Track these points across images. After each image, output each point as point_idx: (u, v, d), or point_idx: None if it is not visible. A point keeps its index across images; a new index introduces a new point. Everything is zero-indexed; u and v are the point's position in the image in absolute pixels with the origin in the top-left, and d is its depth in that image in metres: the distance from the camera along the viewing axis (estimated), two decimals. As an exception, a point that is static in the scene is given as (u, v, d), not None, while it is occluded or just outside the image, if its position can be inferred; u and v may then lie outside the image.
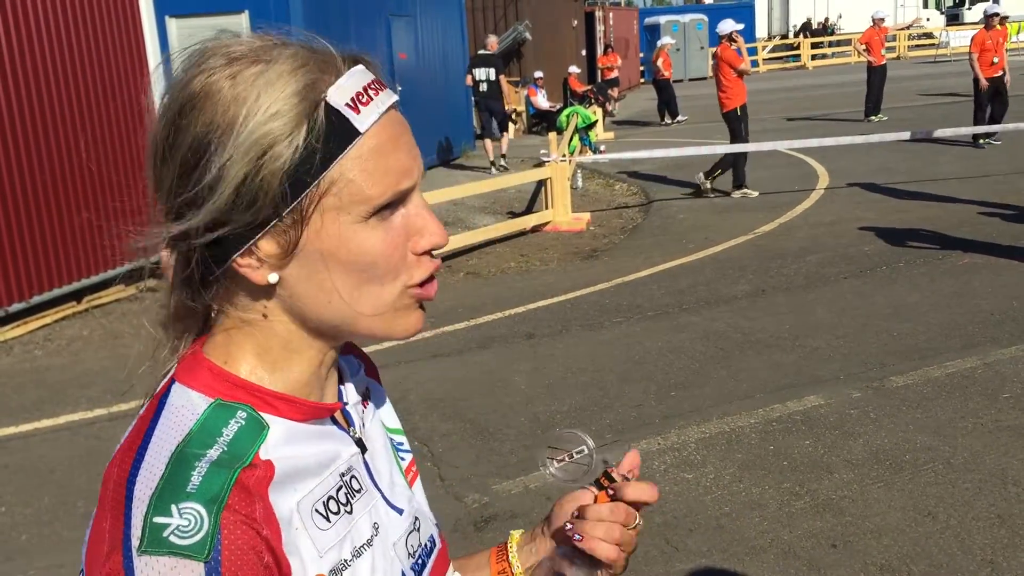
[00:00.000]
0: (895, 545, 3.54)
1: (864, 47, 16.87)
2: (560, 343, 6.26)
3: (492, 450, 4.68)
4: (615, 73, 23.70)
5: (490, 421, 5.01)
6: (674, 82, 21.58)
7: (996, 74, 12.97)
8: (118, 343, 6.98)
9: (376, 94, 0.79)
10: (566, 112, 14.59)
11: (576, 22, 27.10)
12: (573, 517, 0.98)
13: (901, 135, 11.59)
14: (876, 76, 16.81)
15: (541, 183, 10.76)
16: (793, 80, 29.26)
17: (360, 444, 0.91)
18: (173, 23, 11.56)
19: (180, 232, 0.78)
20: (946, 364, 5.32)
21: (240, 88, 0.76)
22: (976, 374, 5.14)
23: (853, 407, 4.84)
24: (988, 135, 12.89)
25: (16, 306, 7.16)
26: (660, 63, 20.65)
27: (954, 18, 42.57)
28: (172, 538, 0.72)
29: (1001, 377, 5.07)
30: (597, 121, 15.76)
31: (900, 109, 17.74)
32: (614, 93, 23.22)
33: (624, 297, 7.32)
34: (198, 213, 0.77)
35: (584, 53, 27.61)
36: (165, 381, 0.84)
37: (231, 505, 0.74)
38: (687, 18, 34.44)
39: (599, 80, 23.71)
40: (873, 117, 16.83)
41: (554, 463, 0.98)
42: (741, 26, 11.59)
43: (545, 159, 10.59)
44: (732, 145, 11.36)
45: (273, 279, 0.79)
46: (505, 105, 16.40)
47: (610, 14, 30.72)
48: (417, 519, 0.98)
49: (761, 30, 44.83)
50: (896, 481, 4.03)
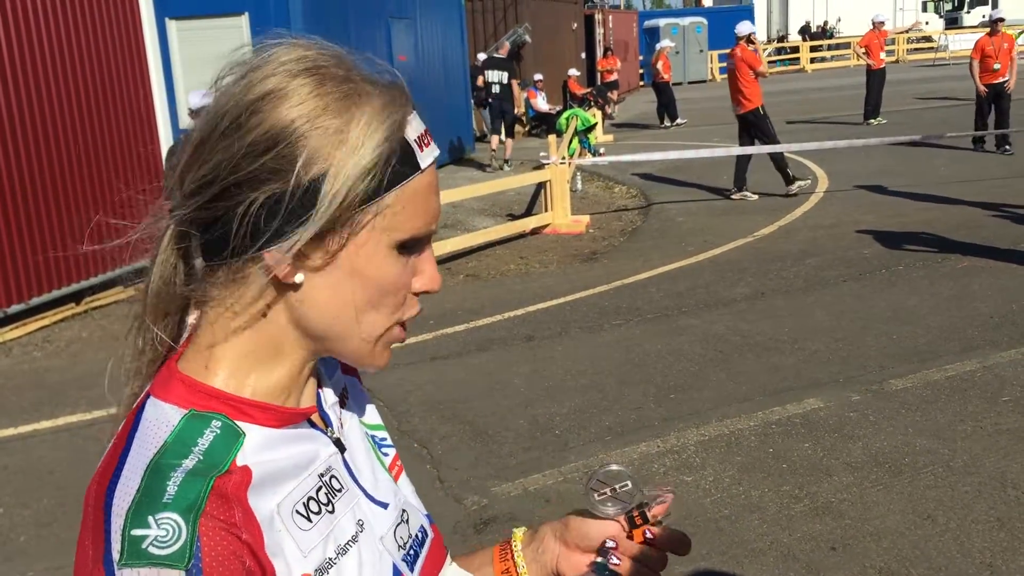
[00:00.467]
0: (894, 548, 3.54)
1: (863, 50, 16.89)
2: (559, 345, 6.26)
3: (491, 452, 4.68)
4: (615, 76, 23.71)
5: (489, 423, 5.01)
6: (673, 85, 21.59)
7: (996, 80, 12.73)
8: (117, 345, 6.97)
9: (431, 140, 0.86)
10: (565, 115, 14.58)
11: (576, 25, 27.11)
12: (608, 546, 1.01)
13: (912, 137, 11.54)
14: (875, 79, 16.82)
15: (541, 185, 10.76)
16: (792, 83, 29.27)
17: (338, 444, 0.92)
18: (173, 25, 11.56)
19: (223, 209, 0.79)
20: (945, 367, 5.32)
21: (328, 100, 0.79)
22: (975, 377, 5.14)
23: (852, 410, 4.84)
24: (1003, 143, 12.61)
25: (15, 307, 7.16)
26: (659, 66, 20.66)
27: (953, 22, 42.61)
28: (151, 549, 0.73)
29: (1000, 380, 5.07)
30: (596, 124, 15.75)
31: (899, 113, 17.76)
32: (613, 96, 23.22)
33: (623, 299, 7.32)
34: (255, 195, 0.78)
35: (584, 56, 27.63)
36: (140, 398, 0.85)
37: (208, 512, 0.75)
38: (686, 21, 34.45)
39: (598, 83, 23.71)
40: (872, 120, 16.84)
41: (595, 494, 1.02)
42: (756, 28, 11.61)
43: (545, 161, 10.59)
44: (736, 148, 11.37)
45: (299, 279, 0.81)
46: (515, 108, 16.73)
47: (609, 17, 30.74)
48: (404, 511, 0.99)
49: (760, 33, 44.84)
50: (895, 484, 4.03)
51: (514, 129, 16.30)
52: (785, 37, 46.76)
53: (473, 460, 4.60)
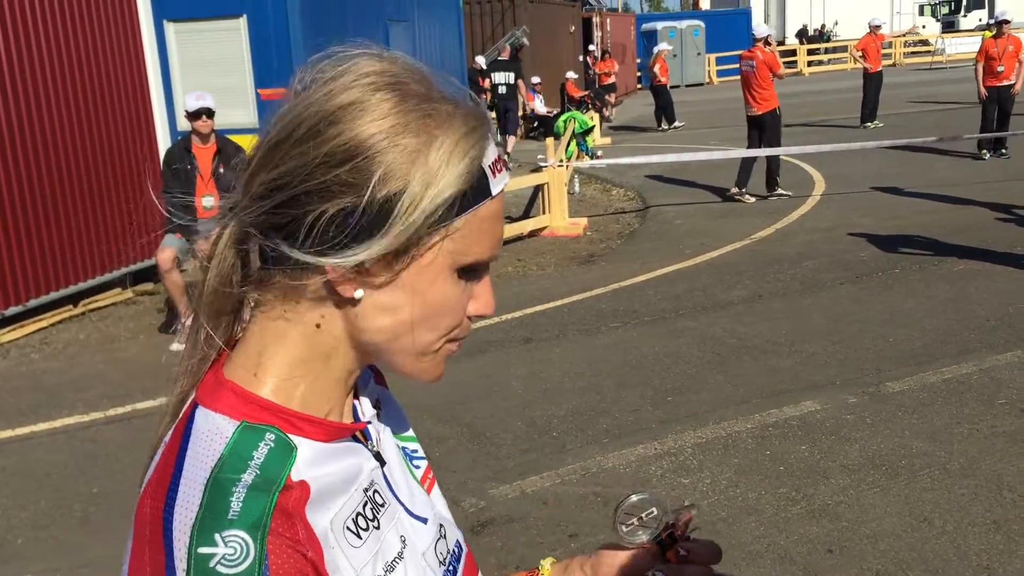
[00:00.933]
0: (891, 550, 3.54)
1: (860, 54, 16.91)
2: (557, 348, 6.26)
3: (489, 454, 4.68)
4: (612, 79, 23.73)
5: (487, 426, 5.01)
6: (671, 88, 21.62)
7: (1000, 83, 12.39)
8: (114, 347, 6.98)
9: (505, 166, 0.86)
10: (563, 117, 14.60)
11: (573, 28, 27.14)
12: (656, 572, 1.03)
13: (927, 140, 11.48)
14: (872, 83, 16.84)
15: (538, 188, 10.77)
16: (789, 86, 29.30)
17: (378, 458, 0.91)
18: (171, 28, 11.55)
19: (291, 216, 0.78)
20: (942, 370, 5.33)
21: (409, 118, 0.79)
22: (972, 380, 5.15)
23: (849, 412, 4.85)
24: (999, 147, 12.47)
25: (12, 310, 7.16)
26: (657, 69, 20.69)
27: (949, 25, 42.69)
28: (219, 568, 0.72)
29: (997, 383, 5.08)
30: (594, 126, 15.77)
31: (895, 116, 17.79)
32: (611, 99, 23.24)
33: (621, 302, 7.33)
34: (325, 206, 0.77)
35: (581, 59, 27.65)
36: (187, 406, 0.83)
37: (275, 529, 0.74)
38: (684, 24, 34.47)
39: (596, 86, 23.74)
40: (869, 124, 16.87)
41: (625, 530, 1.05)
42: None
43: (542, 164, 10.59)
44: (735, 150, 11.39)
45: (359, 295, 0.80)
46: (519, 108, 17.20)
47: (607, 20, 30.77)
48: (442, 526, 0.98)
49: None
50: (892, 486, 4.04)
51: (516, 127, 16.75)
52: (782, 43, 46.83)
53: (470, 462, 4.60)
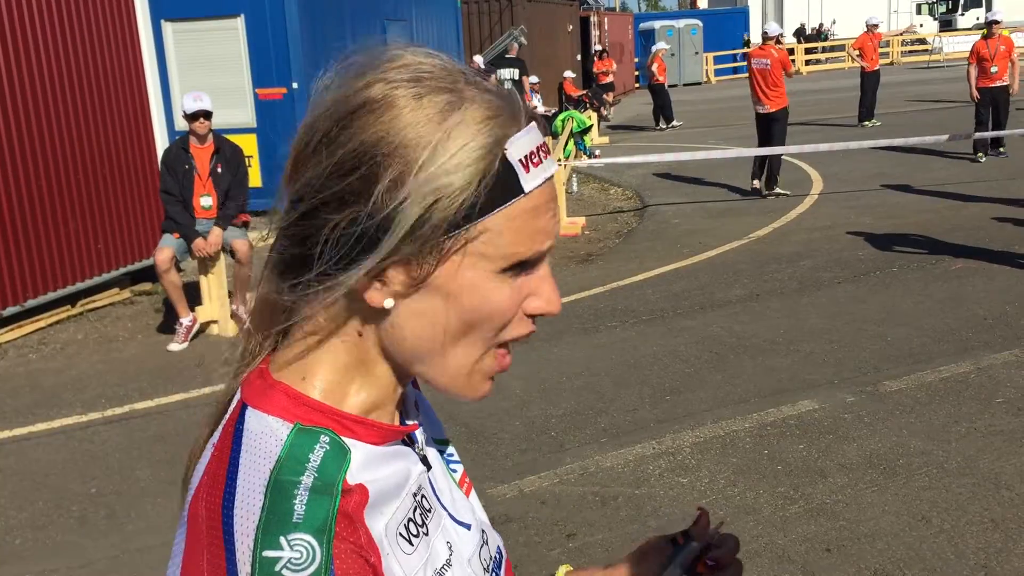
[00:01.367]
0: (889, 549, 3.55)
1: (857, 52, 16.92)
2: (555, 347, 6.27)
3: (487, 454, 4.68)
4: (610, 78, 23.73)
5: (485, 425, 5.01)
6: (669, 87, 21.63)
7: (993, 84, 12.24)
8: (112, 347, 6.97)
9: (545, 157, 0.79)
10: (561, 117, 14.60)
11: (571, 27, 27.14)
12: None
13: (939, 138, 11.48)
14: (869, 82, 16.86)
15: (536, 187, 10.76)
16: (787, 85, 29.31)
17: (424, 462, 0.89)
18: (169, 27, 11.55)
19: (312, 228, 0.76)
20: (940, 369, 5.33)
21: (424, 114, 0.75)
22: (970, 379, 5.16)
23: (847, 411, 4.85)
24: (997, 145, 12.33)
25: (10, 310, 7.15)
26: (655, 68, 20.70)
27: (947, 24, 42.74)
28: (285, 572, 0.70)
29: (995, 382, 5.09)
30: (592, 126, 15.78)
31: (893, 115, 17.80)
32: (609, 98, 23.24)
33: (619, 301, 7.33)
34: (339, 217, 0.75)
35: (579, 58, 27.65)
36: (235, 406, 0.82)
37: (339, 533, 0.73)
38: (682, 23, 34.50)
39: (594, 85, 23.74)
40: (867, 122, 16.89)
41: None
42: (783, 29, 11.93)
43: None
44: (733, 150, 11.43)
45: (389, 304, 0.77)
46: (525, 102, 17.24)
47: (605, 19, 30.77)
48: (484, 532, 0.96)
49: (755, 36, 44.92)
50: (890, 485, 4.05)
51: None
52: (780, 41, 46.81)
53: (469, 462, 4.57)
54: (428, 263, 0.75)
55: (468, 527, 0.92)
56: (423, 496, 0.85)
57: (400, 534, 0.80)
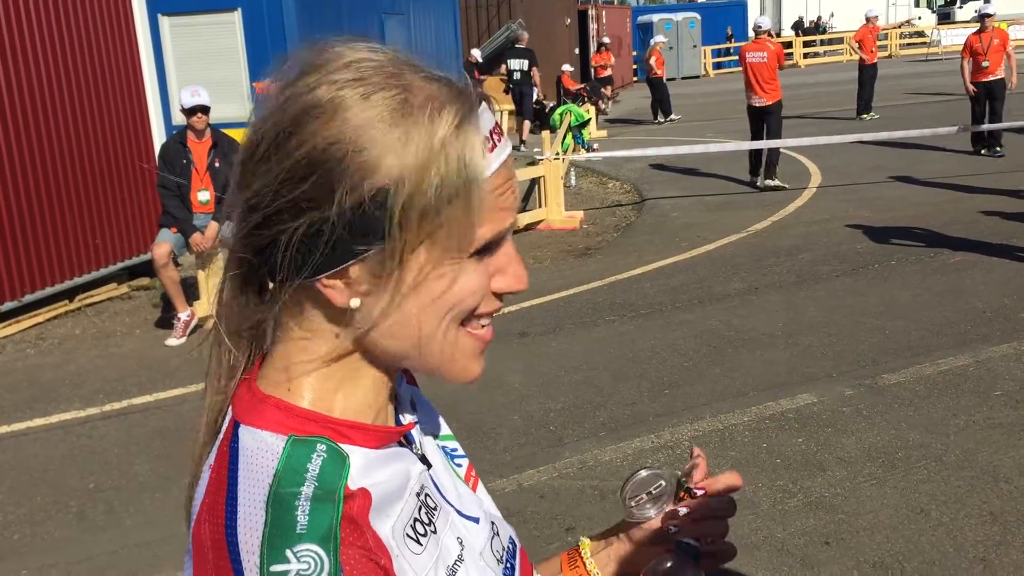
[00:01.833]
0: (888, 542, 3.55)
1: (858, 44, 16.88)
2: (553, 341, 6.26)
3: (486, 448, 4.68)
4: (608, 71, 23.69)
5: (484, 420, 5.01)
6: (667, 80, 21.60)
7: (987, 79, 12.07)
8: (110, 342, 6.97)
9: (499, 139, 0.78)
10: (559, 110, 14.58)
11: (569, 20, 27.09)
12: (673, 528, 1.03)
13: (950, 129, 11.48)
14: (867, 75, 16.84)
15: (534, 181, 10.76)
16: (785, 78, 29.31)
17: (424, 460, 0.89)
18: (166, 21, 11.52)
19: (269, 237, 0.75)
20: (938, 362, 5.33)
21: (374, 113, 0.73)
22: (968, 372, 5.16)
23: (846, 405, 4.86)
24: (994, 145, 12.12)
25: (8, 305, 7.14)
26: (653, 61, 20.66)
27: (945, 17, 42.71)
28: None
29: (993, 375, 5.09)
30: (590, 119, 15.76)
31: (891, 108, 17.79)
32: (607, 91, 23.20)
33: (617, 295, 7.33)
34: (295, 224, 0.73)
35: (577, 51, 27.60)
36: (228, 425, 0.81)
37: (346, 539, 0.72)
38: (680, 16, 34.43)
39: (592, 78, 23.70)
40: (865, 115, 16.88)
41: (633, 505, 1.03)
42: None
43: (538, 157, 10.58)
44: (731, 143, 11.45)
45: (355, 304, 0.76)
46: (535, 92, 18.15)
47: (603, 12, 30.71)
48: (494, 524, 0.96)
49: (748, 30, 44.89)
50: (889, 478, 4.05)
51: (531, 112, 17.54)
52: (778, 35, 46.80)
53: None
54: (390, 259, 0.74)
55: (476, 521, 0.92)
56: (427, 495, 0.85)
57: (407, 535, 0.79)
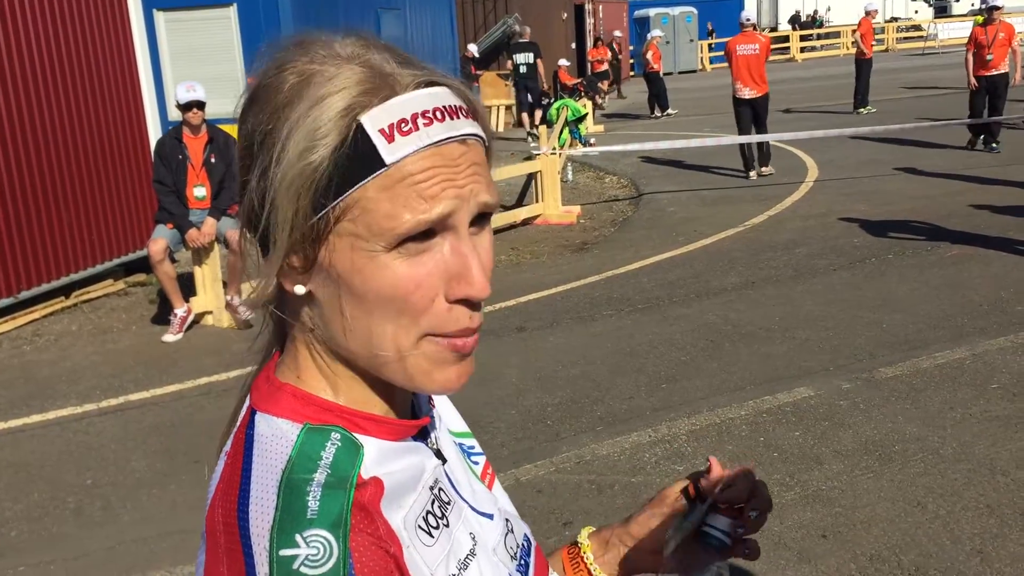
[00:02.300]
0: (885, 535, 3.55)
1: (859, 36, 16.85)
2: (551, 336, 6.26)
3: (483, 443, 4.62)
4: (605, 66, 23.67)
5: (481, 414, 5.01)
6: (664, 75, 21.58)
7: (990, 73, 11.93)
8: (107, 338, 6.96)
9: (429, 123, 0.73)
10: (556, 105, 14.58)
11: (566, 15, 27.05)
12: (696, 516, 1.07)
13: (956, 121, 11.52)
14: (864, 68, 16.83)
15: (531, 176, 10.76)
16: (783, 72, 29.28)
17: (439, 455, 0.89)
18: (161, 16, 11.50)
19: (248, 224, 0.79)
20: (935, 355, 5.34)
21: (282, 98, 0.75)
22: (965, 365, 5.16)
23: (843, 398, 4.86)
24: (990, 141, 11.99)
25: (4, 301, 7.13)
26: (650, 56, 20.65)
27: (942, 11, 42.70)
28: (303, 569, 0.70)
29: (990, 367, 5.10)
30: (587, 114, 15.75)
31: (888, 101, 17.79)
32: (604, 86, 23.18)
33: (614, 290, 7.33)
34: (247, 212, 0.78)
35: (574, 46, 27.57)
36: (245, 413, 0.81)
37: (355, 526, 0.72)
38: (676, 11, 34.41)
39: (588, 73, 23.68)
40: (862, 109, 16.87)
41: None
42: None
43: (535, 152, 10.57)
44: (727, 138, 11.45)
45: (300, 291, 0.77)
46: (542, 85, 18.72)
47: (600, 7, 30.67)
48: (508, 521, 0.96)
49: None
50: (886, 471, 4.05)
51: (539, 102, 17.95)
52: (775, 29, 46.78)
53: (465, 451, 4.60)
54: (310, 246, 0.75)
55: (490, 517, 0.92)
56: (440, 489, 0.85)
57: (419, 527, 0.79)
